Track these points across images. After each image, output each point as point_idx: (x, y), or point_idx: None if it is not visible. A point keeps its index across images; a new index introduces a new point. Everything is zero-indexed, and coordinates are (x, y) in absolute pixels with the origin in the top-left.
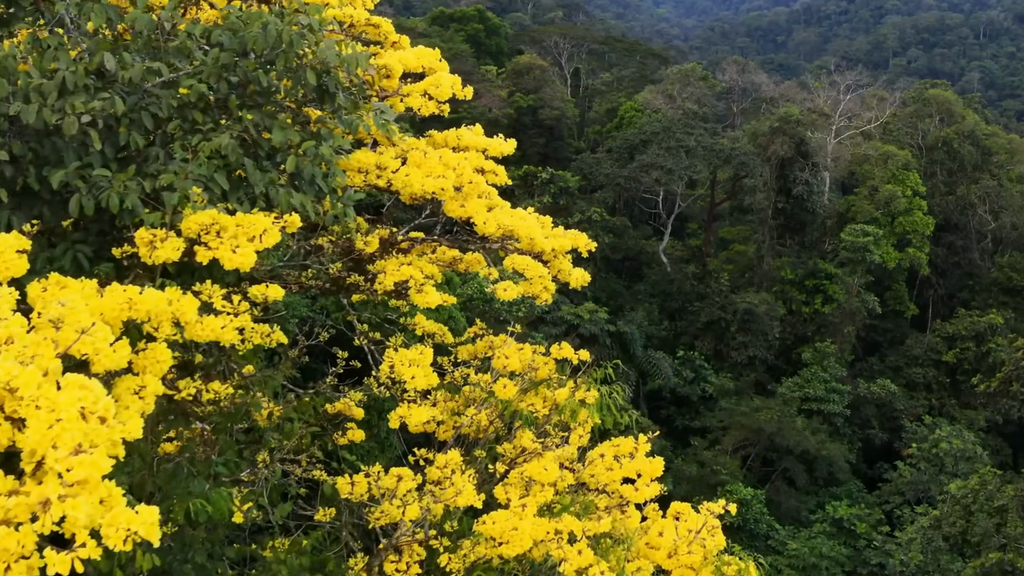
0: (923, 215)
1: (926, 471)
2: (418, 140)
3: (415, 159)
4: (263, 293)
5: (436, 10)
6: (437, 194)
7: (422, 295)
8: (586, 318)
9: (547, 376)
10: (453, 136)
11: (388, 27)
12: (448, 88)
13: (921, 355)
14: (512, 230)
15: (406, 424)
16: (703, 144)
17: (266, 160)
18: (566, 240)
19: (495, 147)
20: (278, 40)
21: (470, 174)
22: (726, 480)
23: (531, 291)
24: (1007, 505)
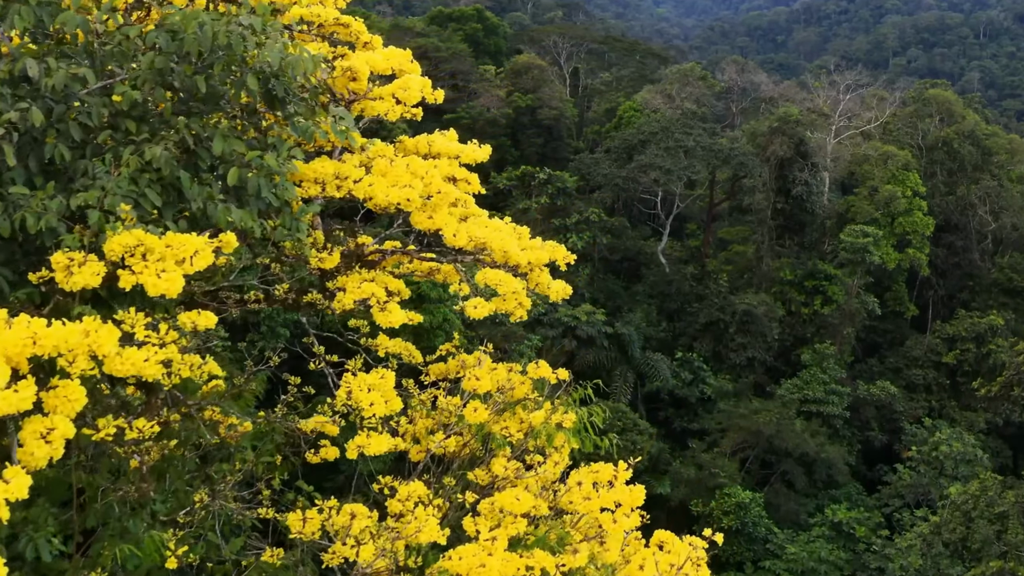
0: (923, 215)
1: (926, 474)
2: (387, 146)
3: (380, 167)
4: (193, 320)
5: (435, 10)
6: (403, 205)
7: (385, 314)
8: (583, 320)
9: (524, 396)
10: (424, 142)
11: (359, 27)
12: (417, 91)
13: (921, 356)
14: (485, 243)
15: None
16: (702, 144)
17: (207, 173)
18: (543, 252)
19: (468, 154)
20: (215, 42)
21: (439, 183)
22: (724, 483)
23: (504, 308)
24: (1008, 512)
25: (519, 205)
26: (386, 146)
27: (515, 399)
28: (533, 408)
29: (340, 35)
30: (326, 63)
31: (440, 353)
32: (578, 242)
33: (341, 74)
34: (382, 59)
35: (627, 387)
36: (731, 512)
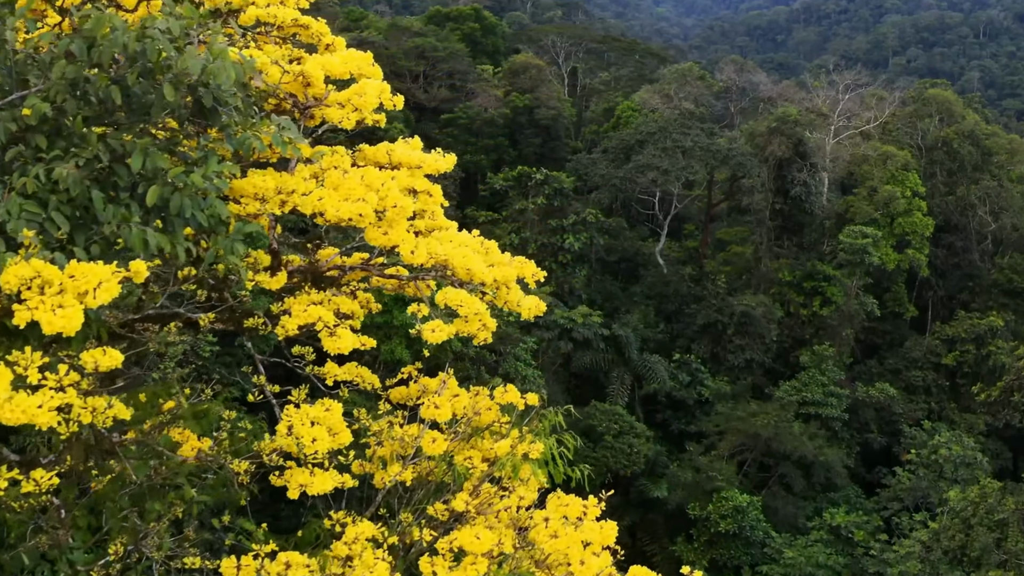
0: (922, 216)
1: (925, 477)
2: (343, 156)
3: (333, 179)
4: (95, 360)
5: (432, 9)
6: (354, 220)
7: (333, 340)
8: (579, 322)
9: (490, 423)
10: (383, 151)
11: (320, 28)
12: (374, 97)
13: (920, 358)
14: (446, 260)
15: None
16: (699, 144)
17: (126, 192)
18: (511, 269)
19: (430, 164)
20: (126, 49)
21: (396, 196)
22: (722, 486)
23: (467, 330)
24: (1008, 519)
25: (516, 206)
26: (343, 155)
27: (482, 425)
28: (499, 437)
29: (302, 37)
30: (279, 67)
31: (401, 376)
32: (575, 243)
33: (293, 79)
34: (340, 63)
35: (624, 389)
36: (728, 516)
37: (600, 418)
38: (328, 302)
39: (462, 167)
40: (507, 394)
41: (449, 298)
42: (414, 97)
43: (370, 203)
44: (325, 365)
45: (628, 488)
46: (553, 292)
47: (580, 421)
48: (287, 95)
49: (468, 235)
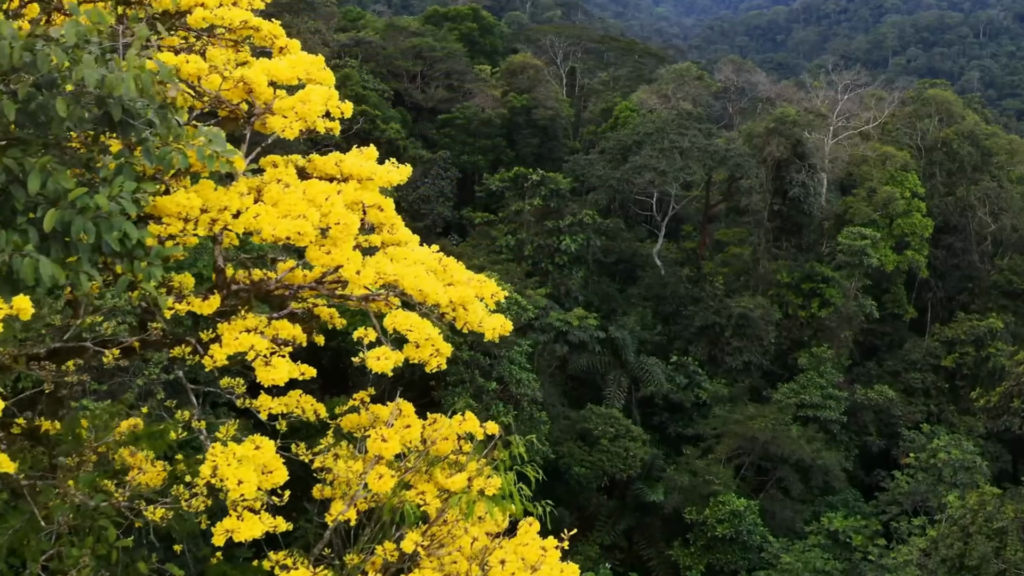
0: (922, 217)
1: (924, 481)
2: (287, 168)
3: (272, 195)
4: None
5: (430, 9)
6: (293, 239)
7: (267, 369)
8: (575, 324)
9: (448, 454)
10: (331, 162)
11: (273, 29)
12: (320, 104)
13: (920, 360)
14: (396, 280)
15: None
16: (697, 145)
17: (23, 216)
18: (469, 289)
19: (382, 176)
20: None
21: (340, 212)
22: (719, 490)
23: (418, 357)
24: (1007, 527)
25: (512, 207)
26: (287, 167)
27: (440, 454)
28: (457, 469)
29: (255, 40)
30: (219, 73)
31: (353, 403)
32: (572, 244)
33: (232, 86)
34: (287, 67)
35: (621, 392)
36: (725, 520)
37: (596, 421)
38: (267, 326)
39: (459, 167)
40: (465, 423)
41: (398, 322)
42: (411, 97)
43: (311, 220)
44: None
45: (624, 492)
46: (549, 294)
47: (576, 424)
48: (237, 103)
49: (426, 251)
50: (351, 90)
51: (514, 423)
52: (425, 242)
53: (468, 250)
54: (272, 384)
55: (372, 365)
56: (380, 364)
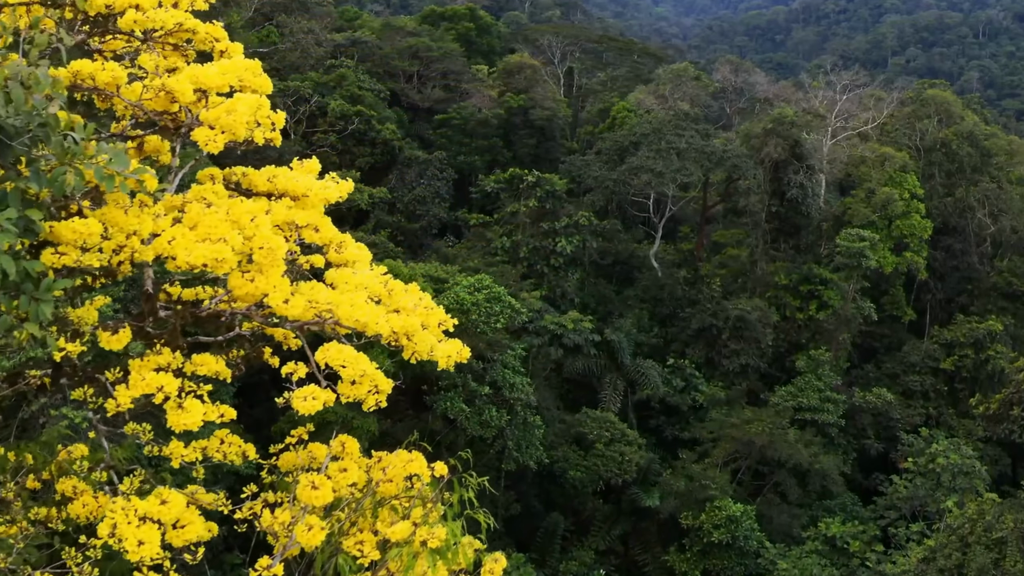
0: (921, 218)
1: (923, 486)
2: (214, 185)
3: (192, 215)
4: None
5: (427, 8)
6: (211, 266)
7: (179, 413)
8: (570, 328)
9: (393, 496)
10: (263, 177)
11: (213, 32)
12: (247, 115)
13: (918, 362)
14: (331, 309)
15: None
16: (694, 146)
17: None
18: (413, 319)
19: (318, 193)
20: None
21: (265, 235)
22: (715, 495)
23: (353, 395)
24: (1006, 538)
25: (507, 208)
26: (213, 184)
27: (387, 495)
28: (398, 517)
29: (196, 44)
30: (139, 82)
31: (289, 441)
32: (567, 246)
33: (154, 96)
34: (216, 73)
35: (617, 395)
36: (722, 525)
37: (591, 425)
38: (186, 362)
39: (456, 168)
40: (412, 463)
41: (330, 356)
42: (408, 97)
43: (233, 244)
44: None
45: (620, 496)
46: (545, 296)
47: (571, 428)
48: (171, 114)
49: (371, 274)
50: (347, 90)
51: (508, 427)
52: (421, 243)
53: (463, 252)
54: (184, 430)
55: (298, 406)
56: (307, 405)
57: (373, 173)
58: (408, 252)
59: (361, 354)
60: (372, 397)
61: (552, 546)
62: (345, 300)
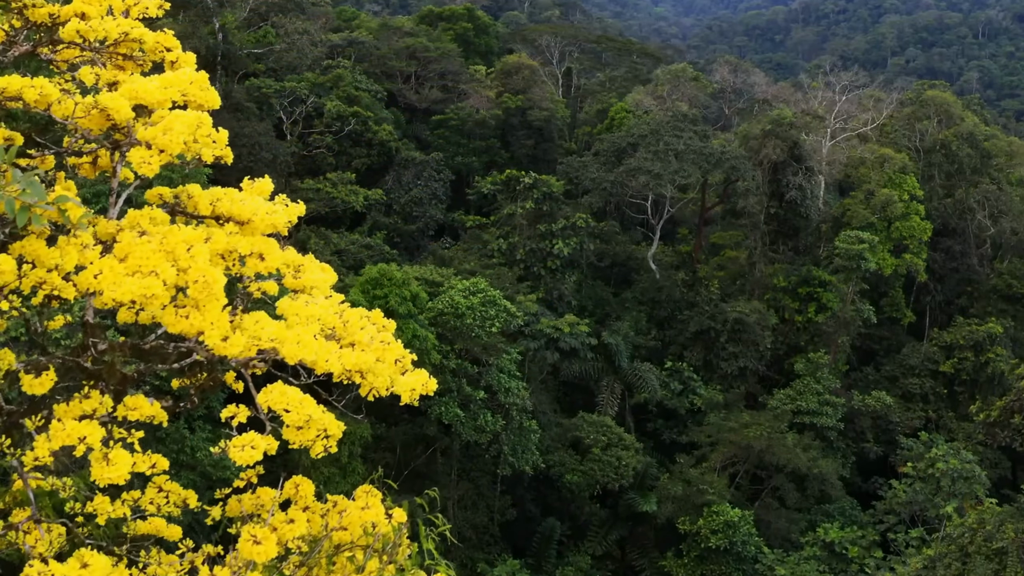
0: (920, 220)
1: (922, 491)
2: (154, 211)
3: (124, 245)
4: None
5: (425, 8)
6: (140, 303)
7: (104, 466)
8: (566, 331)
9: (346, 545)
10: (206, 200)
11: (164, 40)
12: (184, 134)
13: (918, 365)
14: (275, 345)
15: None
16: (692, 148)
17: None
18: (367, 355)
19: (263, 219)
20: None
21: (201, 267)
22: (713, 500)
23: (299, 441)
24: (1007, 548)
25: (504, 210)
26: (154, 209)
27: (343, 541)
28: (352, 568)
29: (147, 54)
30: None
31: (237, 485)
32: (564, 248)
33: (85, 114)
34: (156, 88)
35: (614, 399)
36: (719, 531)
37: (588, 430)
38: (118, 407)
39: (453, 169)
40: (367, 511)
41: (273, 399)
42: (405, 98)
43: (165, 277)
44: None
45: (617, 501)
46: (542, 299)
47: (568, 432)
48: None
49: (327, 303)
50: (343, 91)
51: (504, 432)
52: (418, 245)
53: (460, 254)
54: (110, 484)
55: (235, 457)
56: (245, 455)
57: (370, 174)
58: (405, 254)
59: (307, 397)
60: (320, 443)
61: (548, 551)
62: (292, 336)
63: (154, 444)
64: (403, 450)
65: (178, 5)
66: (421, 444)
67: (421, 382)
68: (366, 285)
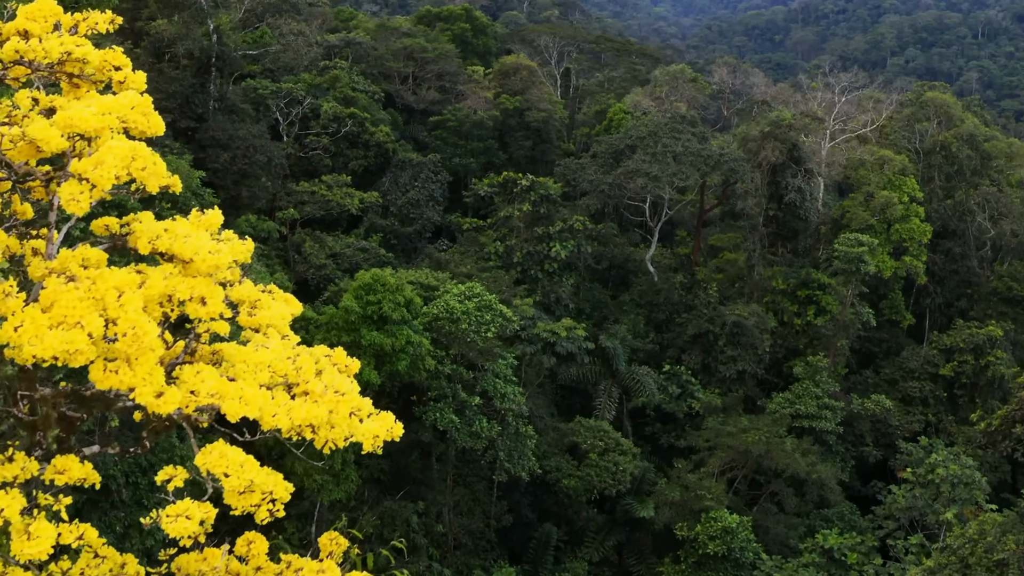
0: (920, 222)
1: (922, 497)
2: (91, 250)
3: (49, 294)
4: None
5: (423, 9)
6: (63, 359)
7: (23, 543)
8: (563, 335)
9: None
10: (146, 238)
11: (113, 59)
12: (118, 167)
13: (917, 368)
14: (218, 401)
15: None
16: (691, 150)
17: None
18: (320, 408)
19: (205, 259)
20: None
21: (132, 317)
22: (711, 506)
23: (242, 506)
24: (1008, 560)
25: (501, 213)
26: (88, 248)
27: None
28: None
29: (93, 75)
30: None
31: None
32: (562, 251)
33: (12, 145)
34: (92, 114)
35: (612, 403)
36: (717, 537)
37: (584, 435)
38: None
39: (451, 170)
40: (323, 573)
41: (211, 462)
42: (402, 99)
43: (92, 329)
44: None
45: (614, 506)
46: (539, 302)
47: (565, 436)
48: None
49: (280, 346)
50: (340, 92)
51: (499, 438)
52: (415, 247)
53: (457, 257)
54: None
55: (168, 528)
56: (179, 527)
57: (367, 176)
58: (401, 256)
59: (249, 458)
60: (265, 508)
61: (545, 557)
62: (234, 391)
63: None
64: (398, 456)
65: (172, 6)
66: (416, 450)
67: (386, 427)
68: (359, 291)
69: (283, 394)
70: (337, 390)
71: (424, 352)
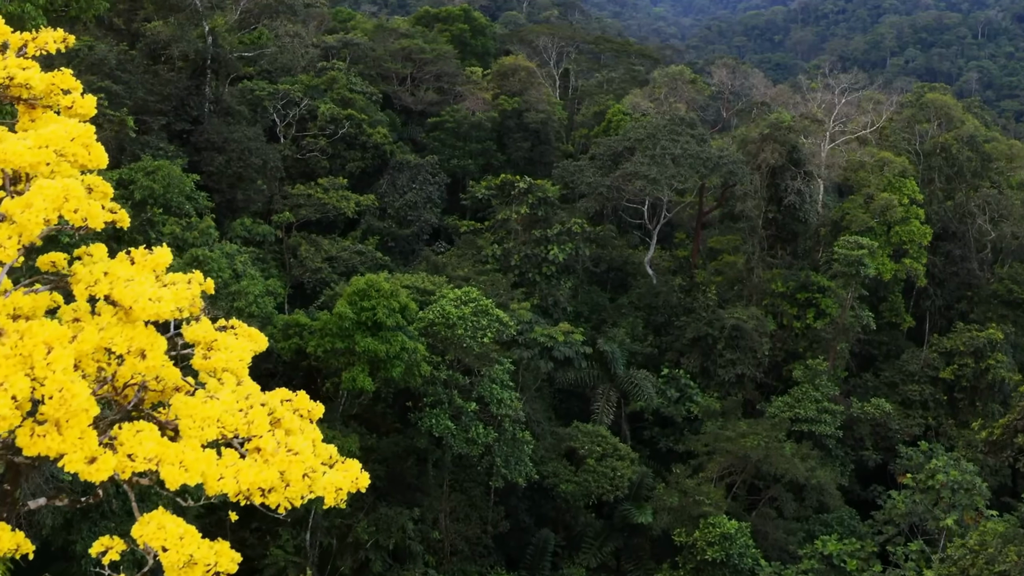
0: (920, 224)
1: (921, 502)
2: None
3: None
4: None
5: (421, 9)
6: None
7: None
8: (560, 340)
9: None
10: (83, 284)
11: (61, 82)
12: (48, 209)
13: (917, 371)
14: (156, 467)
15: None
16: (689, 152)
17: None
18: (270, 470)
19: (144, 307)
20: None
21: (61, 379)
22: (709, 511)
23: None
24: (1009, 572)
25: (499, 215)
26: (23, 297)
27: None
28: None
29: (43, 98)
30: None
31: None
32: (560, 254)
33: None
34: (27, 148)
35: (610, 407)
36: (716, 543)
37: (582, 440)
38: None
39: (449, 172)
40: None
41: (148, 534)
42: (400, 100)
43: (16, 391)
44: None
45: (612, 512)
46: (537, 305)
47: (563, 441)
48: None
49: (232, 397)
50: (337, 93)
51: (496, 444)
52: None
53: (454, 260)
54: None
55: None
56: None
57: (364, 177)
58: (399, 259)
59: (191, 529)
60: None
61: (543, 562)
62: (174, 454)
63: None
64: (393, 461)
65: (168, 8)
66: (412, 455)
67: (350, 479)
68: (353, 296)
69: (232, 454)
70: (291, 448)
71: (419, 358)
